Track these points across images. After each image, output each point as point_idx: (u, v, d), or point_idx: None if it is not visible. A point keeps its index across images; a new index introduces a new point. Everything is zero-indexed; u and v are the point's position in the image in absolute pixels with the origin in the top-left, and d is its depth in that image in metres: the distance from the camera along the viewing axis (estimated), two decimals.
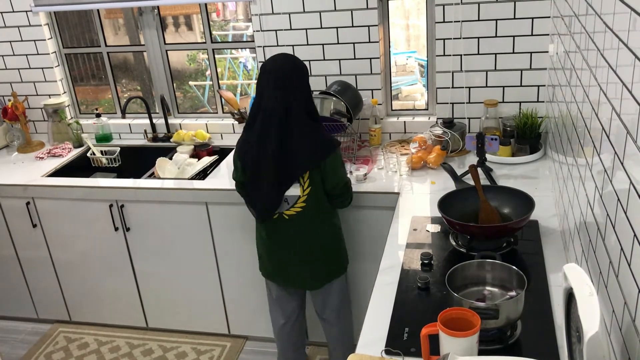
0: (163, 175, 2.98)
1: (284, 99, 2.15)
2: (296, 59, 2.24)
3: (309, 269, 2.38)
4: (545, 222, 2.13)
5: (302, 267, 2.37)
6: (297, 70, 2.20)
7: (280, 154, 2.16)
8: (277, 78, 2.16)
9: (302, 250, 2.34)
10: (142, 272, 3.05)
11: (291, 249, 2.34)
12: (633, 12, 1.09)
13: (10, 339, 3.30)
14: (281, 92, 2.15)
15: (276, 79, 2.16)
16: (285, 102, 2.15)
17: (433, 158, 2.69)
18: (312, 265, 2.37)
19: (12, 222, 3.11)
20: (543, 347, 1.52)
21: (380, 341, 1.61)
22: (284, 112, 2.15)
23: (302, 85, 2.21)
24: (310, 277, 2.40)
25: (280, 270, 2.42)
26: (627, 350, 1.13)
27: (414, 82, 5.61)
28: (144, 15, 3.28)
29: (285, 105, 2.15)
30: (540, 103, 2.78)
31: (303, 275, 2.40)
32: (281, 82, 2.16)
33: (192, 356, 3.02)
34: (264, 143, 2.18)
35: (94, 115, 3.48)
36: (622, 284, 1.18)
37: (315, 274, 2.39)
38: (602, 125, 1.37)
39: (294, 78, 2.18)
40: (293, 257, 2.36)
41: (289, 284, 2.46)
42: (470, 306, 1.47)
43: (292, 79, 2.18)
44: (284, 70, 2.17)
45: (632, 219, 1.10)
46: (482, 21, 2.69)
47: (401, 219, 2.30)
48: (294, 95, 2.17)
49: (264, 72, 2.20)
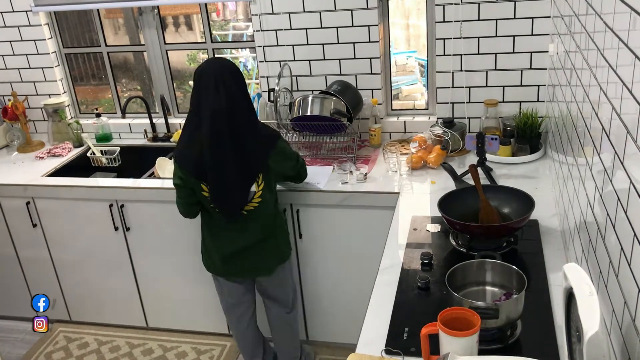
0: (163, 175, 2.98)
1: (228, 99, 2.20)
2: (227, 61, 2.33)
3: (263, 257, 2.45)
4: (545, 222, 2.13)
5: (257, 256, 2.44)
6: (233, 71, 2.26)
7: (237, 153, 2.23)
8: (217, 80, 2.20)
9: (258, 240, 2.41)
10: (142, 272, 3.05)
11: (247, 241, 2.40)
12: (633, 11, 1.09)
13: (10, 338, 3.30)
14: (224, 93, 2.20)
15: (216, 81, 2.20)
16: (229, 102, 2.20)
17: (433, 158, 2.69)
18: (268, 253, 2.45)
19: (12, 222, 3.11)
20: (543, 347, 1.52)
21: (380, 341, 1.61)
22: (229, 112, 2.20)
23: (239, 84, 2.26)
24: (264, 264, 2.48)
25: (231, 264, 2.46)
26: (627, 350, 1.13)
27: (414, 82, 5.60)
28: (144, 15, 3.28)
29: (230, 105, 2.20)
30: (540, 103, 2.77)
31: (257, 264, 2.47)
32: (221, 83, 2.20)
33: (192, 356, 3.02)
34: (217, 144, 2.22)
35: (94, 115, 3.48)
36: (622, 283, 1.17)
37: (268, 260, 2.48)
38: (602, 125, 1.36)
39: (234, 79, 2.24)
40: (249, 249, 2.42)
41: (242, 274, 2.53)
42: (470, 306, 1.47)
43: (231, 79, 2.22)
44: (222, 72, 2.22)
45: (632, 219, 1.10)
46: (482, 21, 2.69)
47: (401, 219, 2.30)
48: (235, 94, 2.22)
49: (201, 76, 2.23)
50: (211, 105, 2.20)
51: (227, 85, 2.20)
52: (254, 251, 2.42)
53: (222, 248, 2.44)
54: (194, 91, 2.26)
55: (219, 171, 2.24)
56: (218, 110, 2.19)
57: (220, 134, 2.20)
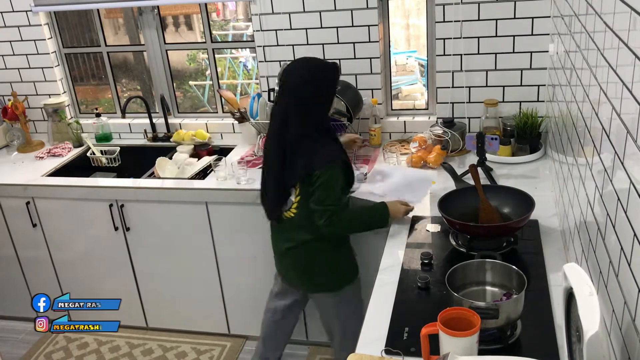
0: (163, 175, 2.98)
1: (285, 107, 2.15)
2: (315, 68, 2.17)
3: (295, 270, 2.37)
4: (545, 222, 2.13)
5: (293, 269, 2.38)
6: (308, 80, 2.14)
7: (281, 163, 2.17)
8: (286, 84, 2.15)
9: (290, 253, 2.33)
10: (142, 272, 3.05)
11: (281, 248, 2.36)
12: (633, 11, 1.09)
13: (11, 338, 3.30)
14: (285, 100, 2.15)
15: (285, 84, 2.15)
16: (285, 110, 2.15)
17: (433, 157, 2.68)
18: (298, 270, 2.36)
19: (12, 222, 3.11)
20: (543, 347, 1.52)
21: (380, 341, 1.61)
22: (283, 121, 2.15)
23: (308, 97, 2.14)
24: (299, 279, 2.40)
25: (276, 260, 2.45)
26: (627, 350, 1.13)
27: (414, 82, 5.61)
28: (143, 15, 3.28)
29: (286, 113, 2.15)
30: (540, 103, 2.77)
31: (288, 274, 2.42)
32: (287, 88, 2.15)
33: (192, 356, 3.02)
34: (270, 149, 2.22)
35: (93, 114, 3.48)
36: (622, 283, 1.17)
37: (303, 279, 2.38)
38: (602, 125, 1.36)
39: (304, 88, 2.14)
40: (284, 257, 2.37)
41: (284, 280, 2.47)
42: (470, 306, 1.47)
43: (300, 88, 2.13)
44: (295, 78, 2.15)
45: (632, 219, 1.10)
46: (482, 21, 2.69)
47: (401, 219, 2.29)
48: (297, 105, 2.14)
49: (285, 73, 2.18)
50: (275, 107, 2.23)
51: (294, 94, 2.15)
52: (287, 259, 2.36)
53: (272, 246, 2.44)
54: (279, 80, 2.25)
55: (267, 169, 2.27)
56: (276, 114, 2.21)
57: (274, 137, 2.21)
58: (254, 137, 3.11)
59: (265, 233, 2.48)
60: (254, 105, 3.02)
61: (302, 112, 2.14)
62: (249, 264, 2.84)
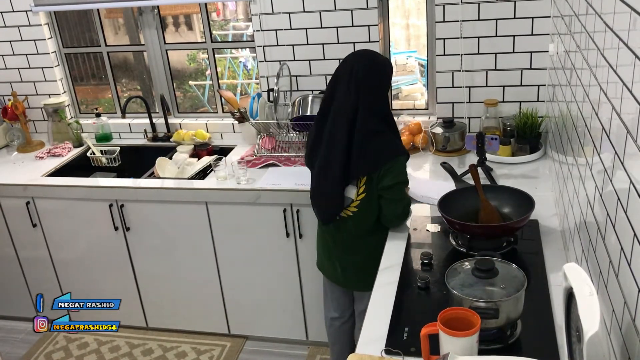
0: (163, 174, 2.98)
1: (356, 99, 2.08)
2: (377, 58, 2.14)
3: (348, 272, 2.33)
4: (545, 222, 2.13)
5: (344, 269, 2.33)
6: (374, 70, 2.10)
7: (346, 158, 2.11)
8: (352, 75, 2.08)
9: (345, 252, 2.30)
10: (142, 272, 3.05)
11: (336, 248, 2.31)
12: (633, 11, 1.09)
13: (10, 338, 3.30)
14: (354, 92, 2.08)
15: (351, 76, 2.08)
16: (355, 102, 2.08)
17: (420, 138, 2.86)
18: (351, 270, 2.32)
19: (12, 222, 3.11)
20: (543, 347, 1.52)
21: (380, 341, 1.61)
22: (352, 113, 2.08)
23: (376, 87, 2.11)
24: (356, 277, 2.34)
25: (328, 266, 2.39)
26: (627, 350, 1.13)
27: (414, 82, 5.61)
28: (143, 15, 3.28)
29: (356, 105, 2.08)
30: (540, 102, 2.77)
31: (344, 276, 2.36)
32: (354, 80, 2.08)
33: (192, 356, 3.02)
34: (333, 144, 2.13)
35: (93, 114, 3.48)
36: (622, 283, 1.17)
37: (351, 278, 2.34)
38: (602, 125, 1.36)
39: (371, 78, 2.09)
40: (339, 257, 2.32)
41: (334, 280, 2.42)
42: (470, 306, 1.47)
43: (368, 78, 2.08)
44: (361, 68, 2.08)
45: (632, 219, 1.10)
46: (482, 21, 2.69)
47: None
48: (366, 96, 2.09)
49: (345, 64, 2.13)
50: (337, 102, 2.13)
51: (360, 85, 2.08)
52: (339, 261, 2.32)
53: (321, 247, 2.39)
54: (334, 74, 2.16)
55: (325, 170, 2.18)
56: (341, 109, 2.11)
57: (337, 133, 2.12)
58: (254, 137, 3.11)
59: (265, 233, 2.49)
60: (254, 105, 3.02)
61: (372, 103, 2.10)
62: (249, 264, 2.84)
